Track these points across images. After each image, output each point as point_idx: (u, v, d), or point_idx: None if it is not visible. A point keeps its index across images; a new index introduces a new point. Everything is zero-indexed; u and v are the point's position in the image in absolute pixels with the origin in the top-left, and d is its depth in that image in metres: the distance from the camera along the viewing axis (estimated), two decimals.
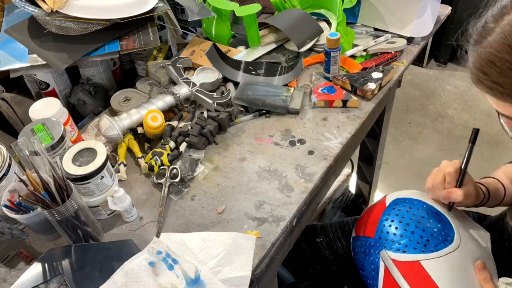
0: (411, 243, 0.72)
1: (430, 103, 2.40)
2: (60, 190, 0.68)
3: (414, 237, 0.73)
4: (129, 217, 0.79)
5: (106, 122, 0.89)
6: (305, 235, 1.06)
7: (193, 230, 0.77)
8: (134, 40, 0.94)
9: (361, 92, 1.00)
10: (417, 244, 0.72)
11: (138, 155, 0.89)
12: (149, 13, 0.95)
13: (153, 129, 0.90)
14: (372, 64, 1.08)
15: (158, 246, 0.71)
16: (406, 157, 2.11)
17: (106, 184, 0.77)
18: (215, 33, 1.18)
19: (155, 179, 0.85)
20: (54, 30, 0.90)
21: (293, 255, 1.04)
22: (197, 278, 0.68)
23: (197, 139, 0.90)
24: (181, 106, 0.99)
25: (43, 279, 0.69)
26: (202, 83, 1.01)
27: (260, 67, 1.08)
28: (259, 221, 0.77)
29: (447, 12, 1.26)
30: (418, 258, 0.71)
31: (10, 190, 0.73)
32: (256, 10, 1.10)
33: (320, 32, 1.17)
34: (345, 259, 1.00)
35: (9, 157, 0.75)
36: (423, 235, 0.72)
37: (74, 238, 0.73)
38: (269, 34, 1.19)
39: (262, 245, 0.74)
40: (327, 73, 1.05)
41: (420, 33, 1.14)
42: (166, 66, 1.04)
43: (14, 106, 0.90)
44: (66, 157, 0.75)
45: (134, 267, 0.69)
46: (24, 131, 0.78)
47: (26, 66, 0.89)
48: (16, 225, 0.74)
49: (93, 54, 0.91)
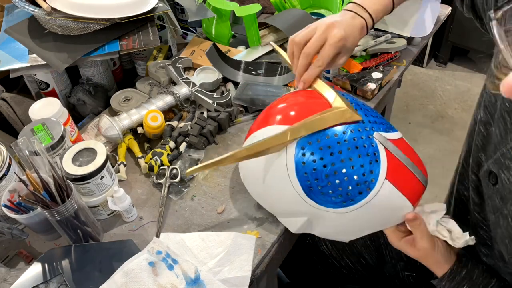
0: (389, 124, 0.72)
1: (430, 103, 2.40)
2: (60, 190, 0.68)
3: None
4: (129, 217, 0.79)
5: (106, 122, 0.89)
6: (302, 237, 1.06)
7: (193, 230, 0.77)
8: (134, 40, 0.94)
9: (361, 92, 1.00)
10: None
11: (138, 155, 0.89)
12: (149, 13, 0.95)
13: (153, 129, 0.90)
14: (372, 64, 1.08)
15: (158, 246, 0.71)
16: None
17: (106, 184, 0.77)
18: (215, 33, 1.18)
19: (155, 179, 0.85)
20: (54, 30, 0.90)
21: (293, 255, 1.04)
22: (197, 278, 0.68)
23: (197, 139, 0.90)
24: (181, 106, 0.99)
25: (43, 279, 0.69)
26: (202, 83, 1.01)
27: (260, 67, 1.08)
28: (259, 221, 0.77)
29: (447, 12, 1.26)
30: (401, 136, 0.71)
31: (10, 190, 0.73)
32: (256, 10, 1.10)
33: None
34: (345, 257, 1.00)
35: (9, 157, 0.75)
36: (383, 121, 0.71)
37: (74, 238, 0.73)
38: (269, 34, 1.19)
39: (262, 245, 0.74)
40: (327, 73, 1.05)
41: (420, 33, 1.14)
42: (166, 66, 1.04)
43: (14, 106, 0.90)
44: (66, 157, 0.75)
45: (134, 267, 0.69)
46: (24, 131, 0.78)
47: (26, 66, 0.89)
48: (16, 225, 0.74)
49: (93, 54, 0.91)
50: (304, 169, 0.66)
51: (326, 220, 0.69)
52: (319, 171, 0.65)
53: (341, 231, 0.72)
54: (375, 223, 0.70)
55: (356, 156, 0.64)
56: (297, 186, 0.66)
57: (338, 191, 0.65)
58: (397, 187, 0.65)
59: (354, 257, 0.98)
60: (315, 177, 0.65)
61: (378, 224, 0.70)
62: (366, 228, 0.71)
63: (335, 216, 0.67)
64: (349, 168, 0.64)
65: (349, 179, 0.64)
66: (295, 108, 0.71)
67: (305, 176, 0.66)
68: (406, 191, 0.66)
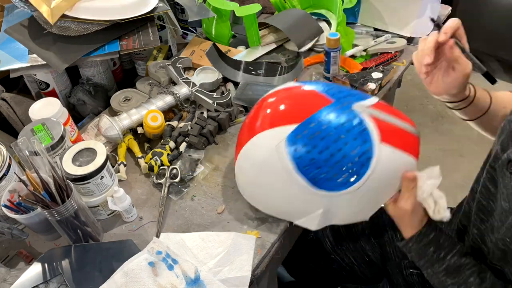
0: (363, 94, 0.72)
1: (430, 103, 2.40)
2: (60, 190, 0.68)
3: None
4: (129, 217, 0.79)
5: (106, 122, 0.89)
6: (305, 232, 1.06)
7: (193, 230, 0.77)
8: (134, 40, 0.94)
9: None
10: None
11: (138, 155, 0.89)
12: (149, 13, 0.95)
13: (153, 129, 0.90)
14: (372, 64, 1.08)
15: (158, 246, 0.71)
16: None
17: (106, 184, 0.76)
18: (215, 33, 1.18)
19: (155, 179, 0.85)
20: (54, 30, 0.90)
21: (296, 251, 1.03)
22: (197, 278, 0.68)
23: (197, 139, 0.90)
24: (181, 106, 0.99)
25: (43, 279, 0.69)
26: (202, 83, 1.01)
27: (260, 67, 1.08)
28: (259, 221, 0.77)
29: (447, 12, 1.26)
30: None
31: (10, 190, 0.73)
32: (256, 10, 1.10)
33: (320, 32, 1.17)
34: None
35: (9, 157, 0.75)
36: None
37: (74, 238, 0.73)
38: (269, 34, 1.19)
39: (262, 245, 0.74)
40: (327, 73, 1.05)
41: (420, 33, 1.14)
42: (166, 66, 1.04)
43: (14, 106, 0.90)
44: (66, 157, 0.75)
45: (134, 267, 0.69)
46: (24, 131, 0.78)
47: (26, 66, 0.89)
48: (16, 225, 0.74)
49: (93, 54, 0.91)
50: (303, 163, 0.66)
51: (341, 204, 0.69)
52: (317, 159, 0.65)
53: (359, 211, 0.72)
54: (389, 190, 0.70)
55: (345, 132, 0.65)
56: (302, 183, 0.67)
57: (342, 171, 0.65)
58: (395, 146, 0.66)
59: (357, 253, 0.98)
60: (316, 166, 0.66)
61: (392, 189, 0.70)
62: (381, 198, 0.71)
63: (349, 197, 0.68)
64: (343, 146, 0.65)
65: (348, 156, 0.65)
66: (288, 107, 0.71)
67: (306, 169, 0.66)
68: (404, 147, 0.67)
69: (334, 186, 0.67)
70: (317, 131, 0.66)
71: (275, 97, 0.74)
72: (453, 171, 2.01)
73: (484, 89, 0.79)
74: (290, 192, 0.69)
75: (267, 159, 0.69)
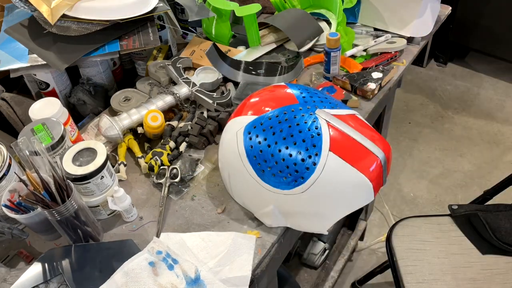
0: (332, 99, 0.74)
1: (430, 103, 2.40)
2: (60, 190, 0.68)
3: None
4: (129, 217, 0.79)
5: (106, 122, 0.89)
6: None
7: (193, 230, 0.77)
8: (134, 40, 0.94)
9: (361, 92, 1.00)
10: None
11: (138, 155, 0.89)
12: (149, 13, 0.95)
13: (153, 129, 0.90)
14: (372, 64, 1.08)
15: (158, 246, 0.71)
16: (406, 157, 2.11)
17: (106, 184, 0.77)
18: (215, 33, 1.18)
19: (155, 179, 0.85)
20: (54, 30, 0.90)
21: None
22: (197, 278, 0.68)
23: (197, 139, 0.90)
24: (181, 106, 0.99)
25: (43, 279, 0.69)
26: (202, 83, 1.01)
27: (260, 67, 1.08)
28: (259, 221, 0.77)
29: (447, 12, 1.26)
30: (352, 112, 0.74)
31: (10, 190, 0.73)
32: (256, 10, 1.10)
33: (320, 32, 1.17)
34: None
35: (9, 157, 0.75)
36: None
37: (74, 238, 0.73)
38: (269, 34, 1.19)
39: (262, 245, 0.74)
40: (327, 73, 1.05)
41: (420, 33, 1.14)
42: (166, 66, 1.04)
43: (14, 106, 0.90)
44: (66, 157, 0.75)
45: (134, 267, 0.69)
46: (24, 131, 0.78)
47: (26, 66, 0.89)
48: (16, 225, 0.74)
49: (93, 54, 0.91)
50: (253, 153, 0.69)
51: (289, 205, 0.70)
52: (265, 151, 0.68)
53: (310, 218, 0.72)
54: (339, 202, 0.70)
55: (297, 132, 0.67)
56: (251, 171, 0.70)
57: (286, 169, 0.67)
58: (343, 158, 0.66)
59: None
60: (263, 158, 0.68)
61: (344, 204, 0.70)
62: (333, 210, 0.70)
63: (293, 199, 0.69)
64: (291, 145, 0.66)
65: (294, 156, 0.66)
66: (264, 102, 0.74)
67: (255, 159, 0.69)
68: (355, 162, 0.67)
69: (279, 184, 0.69)
70: (271, 125, 0.68)
71: (259, 92, 0.78)
72: (453, 171, 2.01)
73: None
74: (243, 179, 0.73)
75: (229, 143, 0.73)
